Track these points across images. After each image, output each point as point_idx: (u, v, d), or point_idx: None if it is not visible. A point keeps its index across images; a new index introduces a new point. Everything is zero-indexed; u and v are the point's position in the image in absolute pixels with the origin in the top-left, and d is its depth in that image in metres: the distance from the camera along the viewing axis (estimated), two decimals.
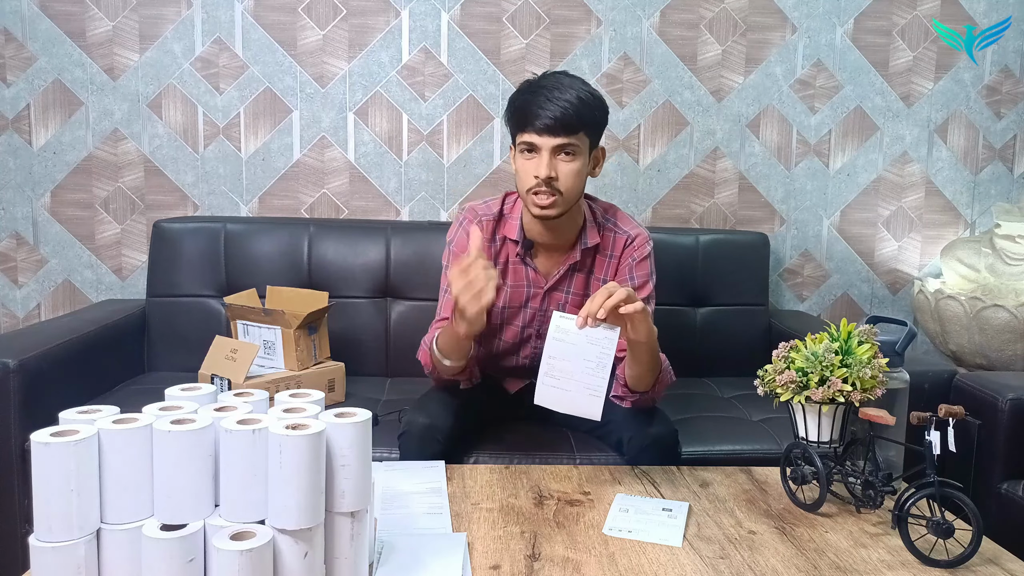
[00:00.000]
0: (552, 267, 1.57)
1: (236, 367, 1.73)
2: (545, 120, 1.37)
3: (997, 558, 1.04)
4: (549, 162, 1.39)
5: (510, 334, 1.63)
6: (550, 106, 1.37)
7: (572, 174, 1.41)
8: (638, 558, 1.03)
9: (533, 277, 1.57)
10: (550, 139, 1.38)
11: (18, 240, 2.30)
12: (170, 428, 0.80)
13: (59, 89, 2.25)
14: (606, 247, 1.57)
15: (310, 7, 2.27)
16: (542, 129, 1.38)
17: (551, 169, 1.39)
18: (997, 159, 2.50)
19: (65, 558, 0.78)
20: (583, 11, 2.32)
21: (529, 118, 1.39)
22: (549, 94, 1.39)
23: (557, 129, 1.37)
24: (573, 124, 1.38)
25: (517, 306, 1.59)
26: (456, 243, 1.56)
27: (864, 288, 2.51)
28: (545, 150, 1.39)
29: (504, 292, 1.58)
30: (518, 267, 1.57)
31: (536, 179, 1.40)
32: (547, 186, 1.40)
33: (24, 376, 1.62)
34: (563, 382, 1.24)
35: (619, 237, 1.57)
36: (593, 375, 1.23)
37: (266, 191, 2.32)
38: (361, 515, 0.88)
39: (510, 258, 1.57)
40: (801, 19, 2.38)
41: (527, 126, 1.40)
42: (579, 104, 1.39)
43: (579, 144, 1.41)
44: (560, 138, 1.38)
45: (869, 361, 1.16)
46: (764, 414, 1.83)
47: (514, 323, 1.61)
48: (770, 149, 2.42)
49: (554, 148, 1.39)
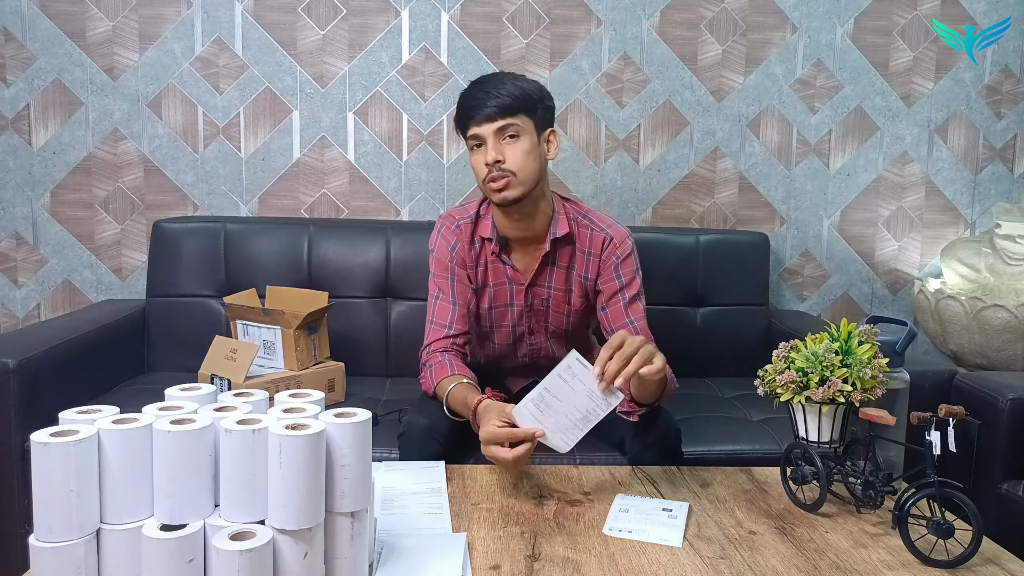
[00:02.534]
0: (529, 263, 1.60)
1: (236, 367, 1.73)
2: (483, 110, 1.46)
3: (997, 558, 1.04)
4: (494, 146, 1.46)
5: (502, 336, 1.65)
6: (486, 97, 1.46)
7: (519, 153, 1.47)
8: (638, 558, 1.03)
9: (512, 275, 1.60)
10: (489, 125, 1.46)
11: (18, 240, 2.30)
12: (170, 428, 0.80)
13: (59, 89, 2.25)
14: (582, 243, 1.59)
15: (310, 7, 2.27)
16: (481, 119, 1.46)
17: (497, 152, 1.46)
18: (997, 159, 2.50)
19: (65, 558, 0.78)
20: (583, 11, 2.32)
21: (469, 112, 1.48)
22: (483, 87, 1.48)
23: (494, 115, 1.45)
24: (509, 106, 1.46)
25: (503, 305, 1.62)
26: (438, 249, 1.61)
27: (864, 288, 2.51)
28: (488, 137, 1.46)
29: (488, 293, 1.61)
30: (496, 266, 1.61)
31: (487, 167, 1.47)
32: (498, 169, 1.46)
33: (24, 376, 1.62)
34: (544, 416, 1.21)
35: (596, 235, 1.59)
36: (574, 427, 1.21)
37: (266, 191, 2.33)
38: (361, 515, 0.88)
39: (488, 258, 1.61)
40: (801, 19, 2.38)
41: (469, 121, 1.48)
42: (512, 88, 1.47)
43: (520, 125, 1.47)
44: (498, 121, 1.45)
45: (869, 361, 1.16)
46: (764, 414, 1.83)
47: (504, 324, 1.64)
48: (770, 149, 2.42)
49: (496, 132, 1.46)
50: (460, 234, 1.60)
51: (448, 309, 1.57)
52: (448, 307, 1.57)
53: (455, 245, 1.60)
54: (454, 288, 1.58)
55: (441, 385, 1.46)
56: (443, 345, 1.54)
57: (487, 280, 1.61)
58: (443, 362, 1.50)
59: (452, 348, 1.54)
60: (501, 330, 1.65)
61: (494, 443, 1.22)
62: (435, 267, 1.61)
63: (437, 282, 1.59)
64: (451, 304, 1.57)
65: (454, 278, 1.59)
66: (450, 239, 1.60)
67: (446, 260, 1.59)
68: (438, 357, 1.52)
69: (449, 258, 1.59)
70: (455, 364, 1.50)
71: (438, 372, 1.49)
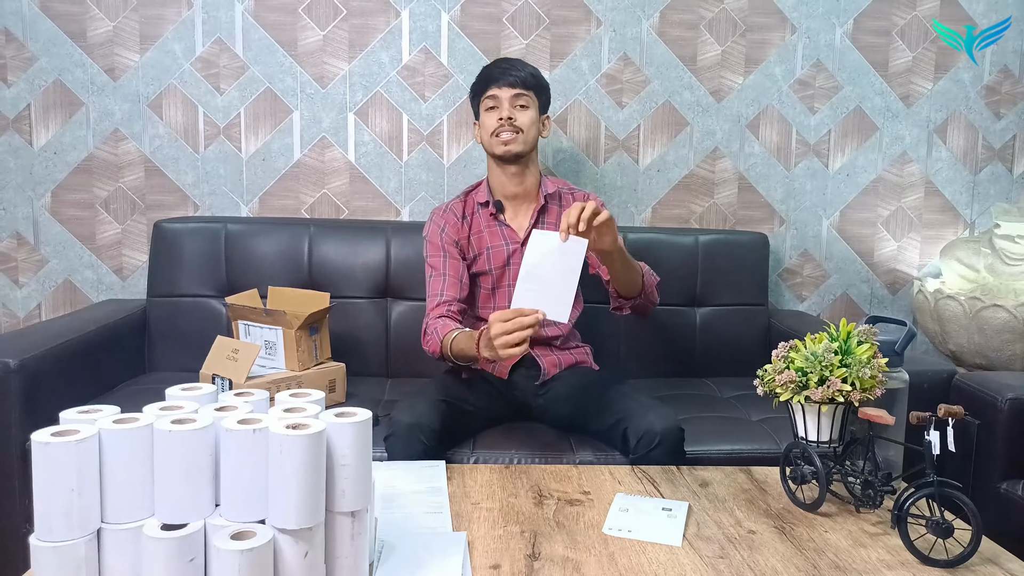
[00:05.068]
0: (523, 221, 1.82)
1: (237, 367, 1.73)
2: (506, 77, 1.77)
3: (996, 558, 1.05)
4: (509, 108, 1.75)
5: (502, 297, 1.78)
6: (510, 67, 1.79)
7: (528, 118, 1.77)
8: (638, 558, 1.03)
9: (508, 233, 1.80)
10: (509, 90, 1.76)
11: (19, 240, 2.30)
12: (170, 428, 0.80)
13: (60, 89, 2.25)
14: (568, 201, 1.84)
15: (310, 7, 2.27)
16: (503, 83, 1.76)
17: (511, 112, 1.75)
18: (996, 159, 2.50)
19: (65, 558, 0.78)
20: (583, 11, 2.32)
21: (492, 78, 1.78)
22: (507, 62, 1.82)
23: (515, 83, 1.76)
24: (526, 81, 1.77)
25: (501, 266, 1.79)
26: (430, 234, 1.80)
27: (864, 288, 2.51)
28: (505, 99, 1.76)
29: (485, 256, 1.79)
30: (493, 228, 1.81)
31: (499, 121, 1.74)
32: (509, 125, 1.73)
33: (24, 376, 1.62)
34: (539, 286, 1.39)
35: (577, 194, 1.87)
36: (564, 280, 1.39)
37: (266, 191, 2.33)
38: (361, 515, 0.88)
39: (484, 223, 1.81)
40: (801, 19, 2.38)
41: (492, 83, 1.77)
42: (530, 70, 1.80)
43: (531, 99, 1.79)
44: (517, 89, 1.76)
45: (868, 361, 1.16)
46: (764, 414, 1.83)
47: (503, 285, 1.79)
48: (770, 149, 2.42)
49: (512, 98, 1.76)
50: (449, 216, 1.81)
51: (440, 281, 1.73)
52: (440, 279, 1.74)
53: (444, 227, 1.79)
54: (446, 264, 1.75)
55: (447, 337, 1.60)
56: (439, 312, 1.69)
57: (484, 243, 1.79)
58: (445, 323, 1.64)
59: (448, 313, 1.68)
60: (500, 291, 1.79)
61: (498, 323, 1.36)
62: (429, 250, 1.79)
63: (431, 262, 1.78)
64: (443, 277, 1.74)
65: (446, 255, 1.76)
66: (440, 223, 1.80)
67: (438, 241, 1.78)
68: (437, 322, 1.66)
69: (440, 239, 1.78)
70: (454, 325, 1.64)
71: (442, 329, 1.62)
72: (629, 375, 2.01)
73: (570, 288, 1.39)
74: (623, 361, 2.18)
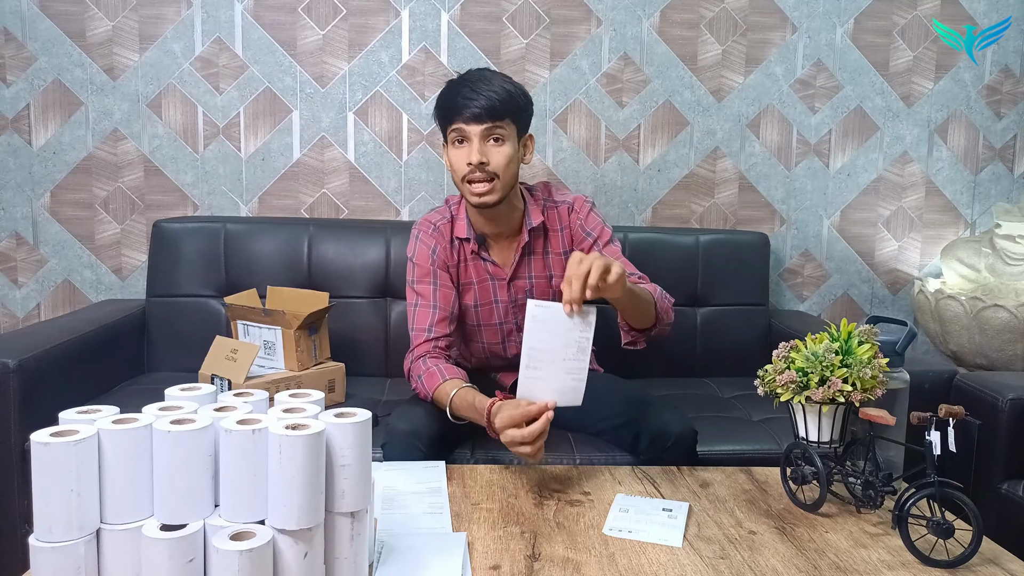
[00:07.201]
0: (507, 256, 1.63)
1: (236, 367, 1.72)
2: (473, 108, 1.46)
3: (997, 558, 1.04)
4: (480, 148, 1.47)
5: (489, 334, 1.68)
6: (476, 96, 1.46)
7: (503, 158, 1.49)
8: (638, 558, 1.03)
9: (493, 270, 1.63)
10: (477, 126, 1.47)
11: (18, 240, 2.30)
12: (170, 428, 0.80)
13: (59, 89, 2.25)
14: (553, 224, 1.64)
15: (310, 7, 2.27)
16: (470, 117, 1.47)
17: (482, 155, 1.47)
18: (997, 159, 2.50)
19: (65, 558, 0.78)
20: (583, 11, 2.32)
21: (457, 108, 1.48)
22: (474, 86, 1.48)
23: (483, 116, 1.46)
24: (498, 111, 1.47)
25: (488, 303, 1.65)
26: (417, 255, 1.61)
27: (864, 288, 2.51)
28: (475, 137, 1.47)
29: (472, 291, 1.64)
30: (477, 264, 1.63)
31: (469, 165, 1.48)
32: (481, 171, 1.48)
33: (24, 376, 1.62)
34: (545, 371, 1.23)
35: (561, 208, 1.64)
36: (575, 360, 1.23)
37: (266, 191, 2.32)
38: (361, 515, 0.88)
39: (468, 257, 1.62)
40: (801, 19, 2.38)
41: (456, 116, 1.48)
42: (503, 93, 1.48)
43: (506, 130, 1.50)
44: (487, 123, 1.47)
45: (869, 361, 1.16)
46: (764, 414, 1.83)
47: (491, 322, 1.66)
48: (770, 149, 2.42)
49: (483, 133, 1.47)
50: (439, 237, 1.61)
51: (428, 314, 1.57)
52: (428, 312, 1.57)
53: (435, 248, 1.60)
54: (435, 293, 1.58)
55: (440, 391, 1.46)
56: (425, 349, 1.54)
57: (470, 278, 1.63)
58: (431, 369, 1.50)
59: (435, 351, 1.54)
60: (488, 329, 1.67)
61: (511, 427, 1.23)
62: (415, 273, 1.60)
63: (416, 288, 1.60)
64: (431, 308, 1.57)
65: (436, 282, 1.59)
66: (429, 243, 1.61)
67: (427, 264, 1.60)
68: (422, 365, 1.52)
69: (431, 262, 1.60)
70: (443, 369, 1.50)
71: (428, 380, 1.49)
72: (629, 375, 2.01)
73: (583, 367, 1.23)
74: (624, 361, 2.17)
